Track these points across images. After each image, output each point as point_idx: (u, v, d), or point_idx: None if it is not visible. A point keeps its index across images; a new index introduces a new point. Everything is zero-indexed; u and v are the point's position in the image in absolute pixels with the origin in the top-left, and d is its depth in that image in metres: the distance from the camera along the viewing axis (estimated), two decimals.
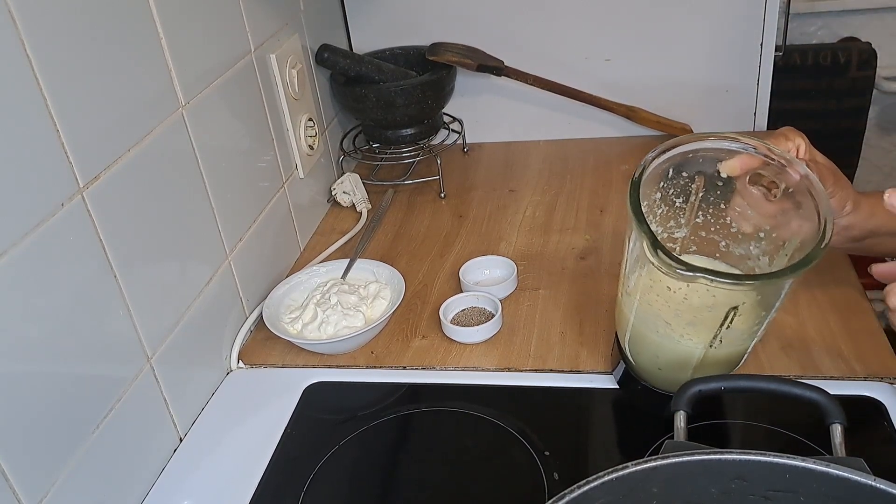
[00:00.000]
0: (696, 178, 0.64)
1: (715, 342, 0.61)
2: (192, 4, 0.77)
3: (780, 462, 0.47)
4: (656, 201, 0.65)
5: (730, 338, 0.62)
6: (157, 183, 0.71)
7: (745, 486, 0.48)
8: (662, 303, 0.62)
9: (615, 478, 0.46)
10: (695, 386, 0.57)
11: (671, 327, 0.63)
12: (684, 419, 0.55)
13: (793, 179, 0.61)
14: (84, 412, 0.62)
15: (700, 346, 0.62)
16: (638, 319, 0.65)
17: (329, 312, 0.84)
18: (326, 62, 1.09)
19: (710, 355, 0.63)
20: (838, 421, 0.53)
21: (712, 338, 0.61)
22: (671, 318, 0.62)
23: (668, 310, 0.62)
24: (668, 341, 0.64)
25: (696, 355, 0.63)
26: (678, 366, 0.64)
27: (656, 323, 0.64)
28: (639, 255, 0.60)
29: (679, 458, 0.47)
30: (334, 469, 0.70)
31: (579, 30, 1.19)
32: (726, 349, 0.63)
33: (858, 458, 0.48)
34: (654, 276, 0.60)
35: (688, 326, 0.62)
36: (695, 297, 0.59)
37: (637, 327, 0.66)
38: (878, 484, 0.44)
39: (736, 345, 0.63)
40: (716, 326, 0.60)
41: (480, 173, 1.21)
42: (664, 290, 0.61)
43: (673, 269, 0.55)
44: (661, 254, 0.55)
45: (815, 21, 1.74)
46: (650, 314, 0.64)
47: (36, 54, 0.56)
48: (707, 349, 0.62)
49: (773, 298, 0.60)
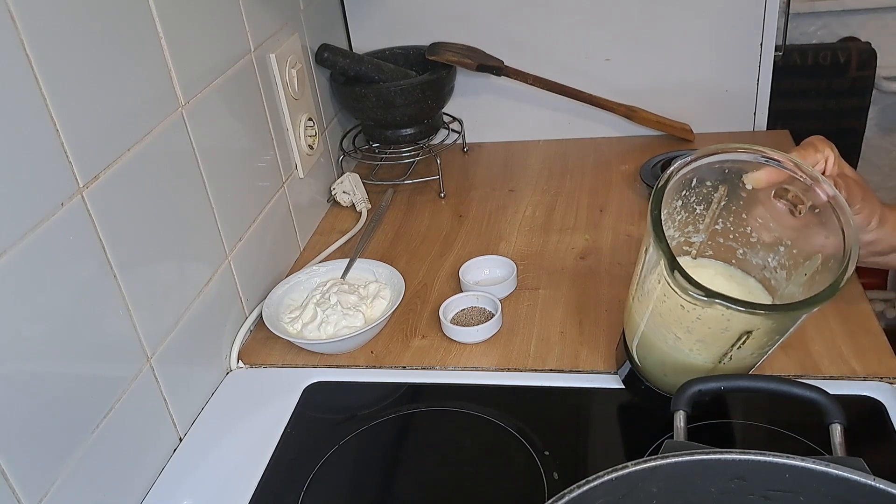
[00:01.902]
0: (720, 188, 0.63)
1: (725, 359, 0.61)
2: (192, 4, 0.77)
3: (780, 462, 0.47)
4: (677, 208, 0.64)
5: (740, 356, 0.61)
6: (156, 183, 0.71)
7: (744, 485, 0.48)
8: (674, 318, 0.60)
9: (615, 477, 0.46)
10: (694, 386, 0.57)
11: (681, 341, 0.62)
12: (684, 419, 0.55)
13: (820, 199, 0.59)
14: (84, 412, 0.62)
15: (709, 362, 0.62)
16: (648, 328, 0.64)
17: (329, 312, 0.84)
18: (326, 62, 1.09)
19: (718, 368, 0.62)
20: (838, 421, 0.53)
21: (722, 355, 0.61)
22: (682, 334, 0.61)
23: (680, 326, 0.60)
24: (677, 353, 0.63)
25: (703, 368, 0.62)
26: (685, 374, 0.64)
27: (666, 335, 0.63)
28: (654, 265, 0.59)
29: (678, 458, 0.47)
30: (334, 469, 0.70)
31: (579, 30, 1.19)
32: (735, 364, 0.62)
33: (858, 458, 0.48)
34: (669, 290, 0.59)
35: (698, 343, 0.61)
36: (709, 318, 0.58)
37: (647, 334, 0.65)
38: (877, 484, 0.44)
39: (745, 361, 0.62)
40: (727, 346, 0.59)
41: (480, 173, 1.22)
42: (677, 307, 0.59)
43: (688, 292, 0.54)
44: (678, 276, 0.54)
45: (815, 21, 1.74)
46: (661, 325, 0.63)
47: (36, 54, 0.56)
48: (716, 364, 0.62)
49: (789, 325, 0.59)
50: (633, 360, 0.70)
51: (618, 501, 0.47)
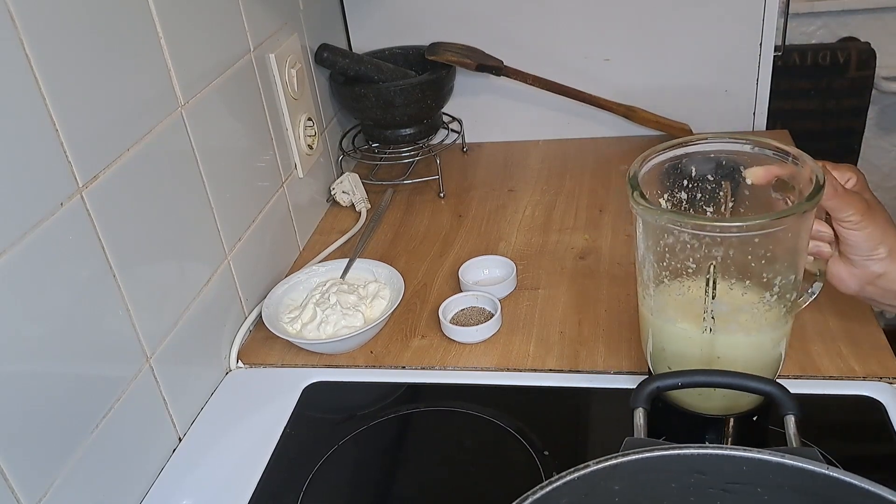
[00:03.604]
0: (723, 184, 0.64)
1: (707, 316, 0.61)
2: (192, 4, 0.77)
3: (737, 455, 0.47)
4: (682, 201, 0.65)
5: (721, 318, 0.60)
6: (156, 183, 0.71)
7: (704, 479, 0.48)
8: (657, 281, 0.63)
9: (577, 477, 0.47)
10: (653, 383, 0.58)
11: (668, 314, 0.64)
12: (643, 416, 0.56)
13: (804, 177, 0.59)
14: (83, 412, 0.62)
15: (695, 332, 0.62)
16: (652, 315, 0.66)
17: (328, 312, 0.84)
18: (326, 62, 1.09)
19: (706, 346, 0.62)
20: (792, 412, 0.54)
21: (703, 312, 0.61)
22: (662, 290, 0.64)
23: (660, 284, 0.63)
24: (669, 325, 0.64)
25: (694, 342, 0.62)
26: (681, 360, 0.64)
27: (660, 316, 0.64)
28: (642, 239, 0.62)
29: (638, 455, 0.48)
30: (333, 469, 0.70)
31: (579, 30, 1.19)
32: (723, 340, 0.62)
33: (812, 447, 0.49)
34: (652, 261, 0.62)
35: (679, 311, 0.63)
36: (677, 251, 0.60)
37: (648, 321, 0.67)
38: (831, 472, 0.45)
39: (733, 336, 0.62)
40: (701, 292, 0.60)
41: (480, 173, 1.22)
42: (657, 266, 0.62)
43: (641, 206, 0.58)
44: (636, 196, 0.58)
45: (815, 21, 1.74)
46: (658, 309, 0.64)
47: (35, 54, 0.56)
48: (702, 335, 0.62)
49: (747, 259, 0.59)
50: (649, 367, 0.71)
51: (581, 500, 0.47)
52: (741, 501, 0.48)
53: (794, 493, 0.46)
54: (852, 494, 0.44)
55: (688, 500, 0.49)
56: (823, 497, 0.45)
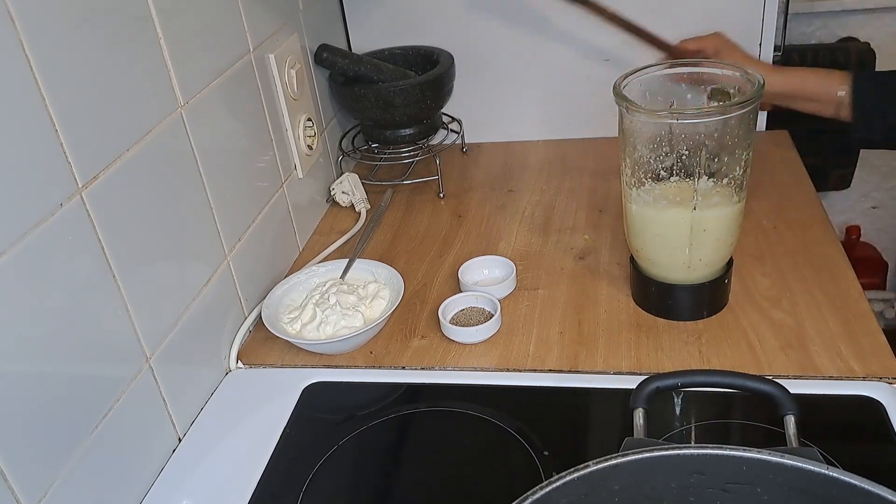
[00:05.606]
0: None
1: (696, 196, 0.75)
2: (191, 4, 0.78)
3: (736, 455, 0.47)
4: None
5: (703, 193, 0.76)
6: (155, 183, 0.71)
7: (704, 479, 0.48)
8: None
9: (577, 477, 0.47)
10: (652, 383, 0.58)
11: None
12: (643, 416, 0.56)
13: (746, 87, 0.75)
14: (83, 412, 0.62)
15: (686, 213, 0.77)
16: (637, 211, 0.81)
17: (328, 312, 0.84)
18: (325, 62, 1.09)
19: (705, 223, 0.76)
20: (791, 412, 0.55)
21: (694, 192, 0.76)
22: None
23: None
24: (662, 213, 0.78)
25: (686, 221, 0.76)
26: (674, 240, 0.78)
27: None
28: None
29: (638, 455, 0.48)
30: (333, 469, 0.70)
31: (578, 30, 1.19)
32: (709, 214, 0.76)
33: (811, 447, 0.49)
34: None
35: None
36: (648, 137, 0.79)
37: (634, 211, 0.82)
38: (831, 472, 0.45)
39: (714, 207, 0.76)
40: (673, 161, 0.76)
41: (479, 173, 1.22)
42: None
43: (621, 101, 0.77)
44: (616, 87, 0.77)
45: (814, 21, 1.73)
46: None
47: (35, 54, 0.56)
48: (693, 212, 0.76)
49: (716, 147, 0.74)
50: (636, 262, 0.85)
51: (580, 500, 0.47)
52: (741, 501, 0.48)
53: (794, 493, 0.46)
54: (852, 494, 0.44)
55: (688, 500, 0.49)
56: (823, 497, 0.45)
